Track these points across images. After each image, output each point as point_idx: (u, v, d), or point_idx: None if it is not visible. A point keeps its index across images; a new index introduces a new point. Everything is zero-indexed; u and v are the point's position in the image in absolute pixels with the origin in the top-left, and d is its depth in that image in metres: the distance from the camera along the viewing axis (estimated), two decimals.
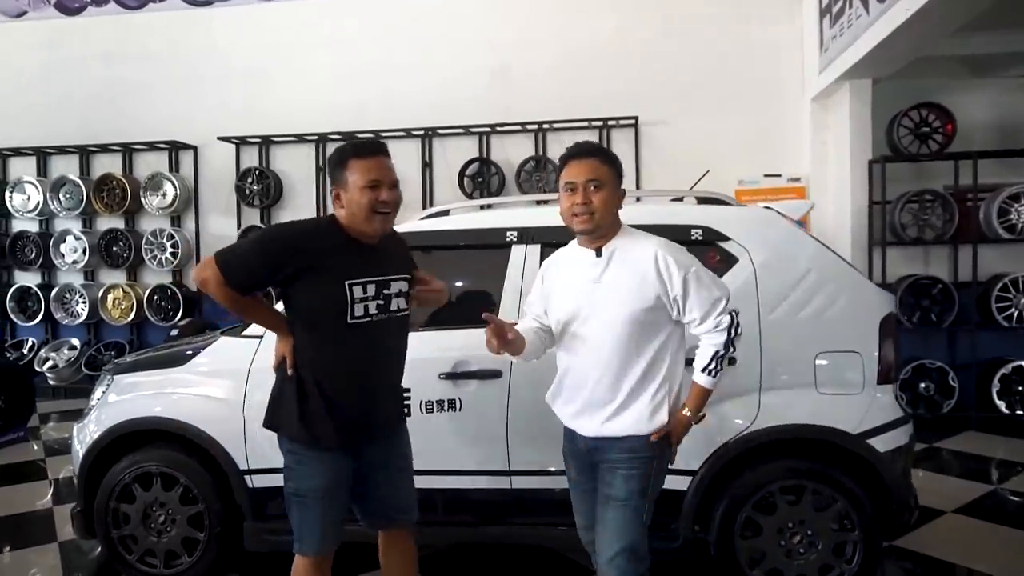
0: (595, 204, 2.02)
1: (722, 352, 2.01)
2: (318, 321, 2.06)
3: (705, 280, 2.00)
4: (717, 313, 2.00)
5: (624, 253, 2.05)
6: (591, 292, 2.07)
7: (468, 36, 6.87)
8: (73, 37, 7.61)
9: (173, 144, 7.27)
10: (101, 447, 2.97)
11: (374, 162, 2.06)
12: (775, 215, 2.87)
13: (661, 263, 1.98)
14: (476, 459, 2.77)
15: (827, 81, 5.83)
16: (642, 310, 1.99)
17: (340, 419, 2.08)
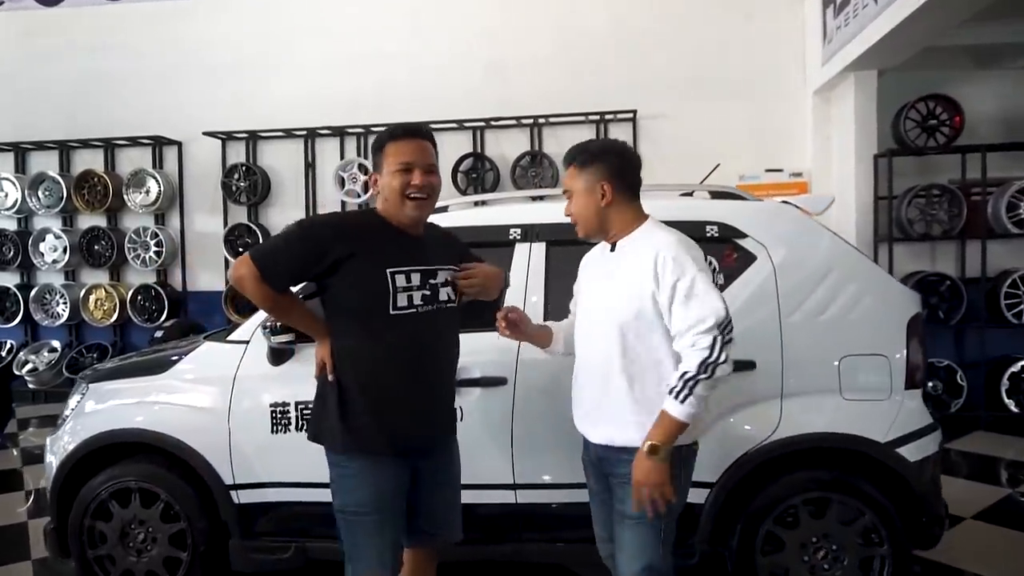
0: (572, 212, 2.00)
1: (692, 374, 1.76)
2: (358, 315, 1.92)
3: (696, 292, 1.80)
4: (698, 331, 1.78)
5: (635, 248, 1.94)
6: (602, 289, 1.99)
7: (462, 27, 6.69)
8: (52, 28, 7.36)
9: (157, 139, 7.04)
10: (76, 460, 2.78)
11: (409, 145, 1.96)
12: (794, 210, 2.71)
13: (659, 262, 1.84)
14: (479, 472, 2.59)
15: (831, 73, 5.69)
16: (636, 309, 1.87)
17: (389, 423, 1.93)
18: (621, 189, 1.95)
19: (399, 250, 1.96)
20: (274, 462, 2.64)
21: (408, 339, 1.94)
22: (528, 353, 2.54)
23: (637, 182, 2.00)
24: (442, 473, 2.12)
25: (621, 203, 1.96)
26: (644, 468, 1.80)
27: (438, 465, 2.10)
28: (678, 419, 1.77)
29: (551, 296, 2.62)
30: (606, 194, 1.94)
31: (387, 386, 1.93)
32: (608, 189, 1.94)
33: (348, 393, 1.94)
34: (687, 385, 1.77)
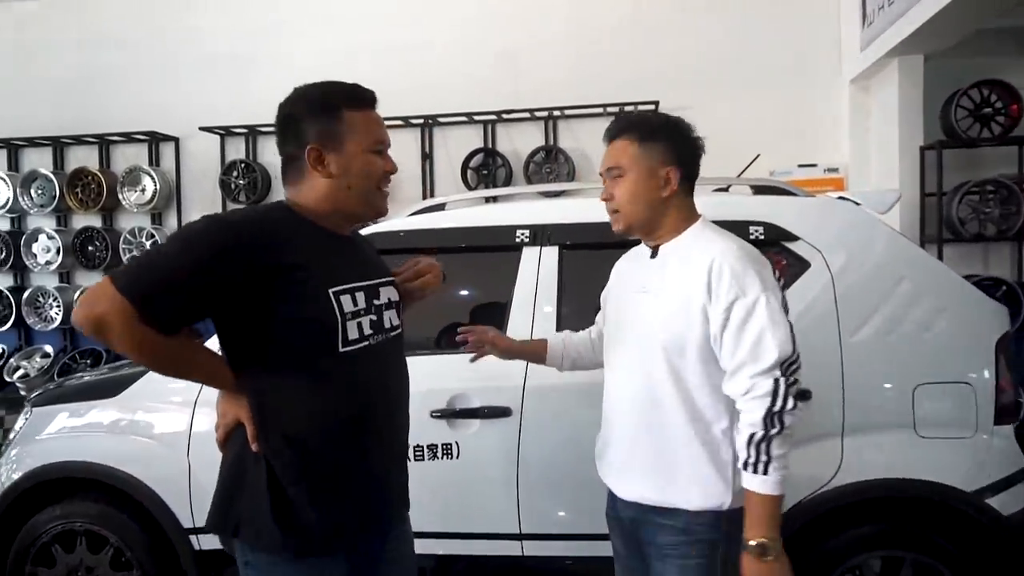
0: (616, 198, 1.60)
1: (761, 434, 1.39)
2: (291, 358, 1.38)
3: (757, 320, 1.42)
4: (754, 372, 1.41)
5: (684, 255, 1.55)
6: (637, 303, 1.61)
7: (470, 15, 6.30)
8: (44, 20, 7.06)
9: (152, 135, 6.71)
10: (14, 497, 2.42)
11: (377, 117, 1.52)
12: (855, 208, 2.29)
13: (714, 274, 1.46)
14: (478, 519, 2.20)
15: (871, 59, 5.23)
16: (684, 328, 1.49)
17: (337, 508, 1.41)
18: (684, 179, 1.58)
19: (340, 261, 1.45)
20: None
21: (362, 385, 1.44)
22: (537, 379, 2.14)
23: (698, 172, 1.64)
24: (399, 556, 1.63)
25: (680, 198, 1.59)
26: (754, 571, 1.41)
27: (391, 547, 1.59)
28: (771, 495, 1.39)
29: (564, 308, 2.22)
30: (670, 182, 1.55)
31: (338, 458, 1.42)
32: (674, 177, 1.55)
33: (283, 473, 1.38)
34: (759, 450, 1.39)
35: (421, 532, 2.17)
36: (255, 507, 1.38)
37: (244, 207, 1.49)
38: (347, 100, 1.47)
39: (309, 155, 1.43)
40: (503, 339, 1.90)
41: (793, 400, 1.40)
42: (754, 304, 1.42)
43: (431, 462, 2.17)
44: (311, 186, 1.45)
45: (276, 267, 1.34)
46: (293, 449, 1.39)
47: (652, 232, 1.60)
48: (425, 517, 2.17)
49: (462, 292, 2.40)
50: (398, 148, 6.72)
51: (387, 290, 1.56)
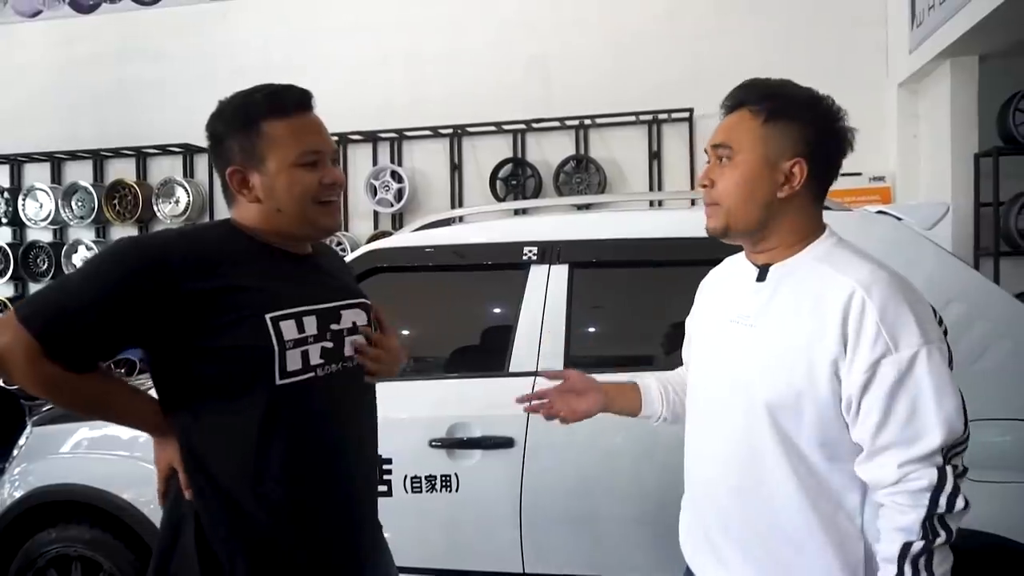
0: (718, 187, 1.22)
1: (919, 546, 1.04)
2: (219, 392, 1.23)
3: (916, 384, 1.06)
4: (907, 459, 1.06)
5: (804, 281, 1.18)
6: (738, 337, 1.23)
7: (501, 22, 6.22)
8: (86, 36, 7.25)
9: (187, 147, 6.80)
10: (13, 517, 2.37)
11: (308, 122, 1.32)
12: (896, 223, 2.08)
13: (853, 316, 1.09)
14: (478, 556, 2.06)
15: (921, 61, 4.96)
16: (800, 390, 1.13)
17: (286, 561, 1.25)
18: (816, 177, 1.21)
19: (283, 283, 1.28)
20: None
21: (309, 426, 1.27)
22: None
23: (837, 172, 1.27)
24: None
25: (806, 200, 1.22)
26: None
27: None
28: None
29: (573, 333, 2.07)
30: (795, 177, 1.19)
31: (274, 514, 1.24)
32: (801, 171, 1.19)
33: (211, 530, 1.23)
34: (918, 568, 1.04)
35: (417, 568, 2.06)
36: (186, 569, 1.23)
37: (181, 226, 1.34)
38: (267, 109, 1.30)
39: (231, 178, 1.29)
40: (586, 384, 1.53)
41: (964, 498, 1.06)
42: (911, 363, 1.06)
43: (429, 495, 2.04)
44: (242, 209, 1.32)
45: (200, 292, 1.19)
46: (220, 500, 1.23)
47: (759, 241, 1.23)
48: (422, 553, 2.06)
49: (464, 314, 2.27)
50: (427, 158, 6.68)
51: (352, 313, 1.37)
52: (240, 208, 1.34)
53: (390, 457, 2.04)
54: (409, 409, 2.07)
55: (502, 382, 2.07)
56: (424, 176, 6.37)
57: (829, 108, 1.26)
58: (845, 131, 1.27)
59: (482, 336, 2.26)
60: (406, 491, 2.03)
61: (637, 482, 1.54)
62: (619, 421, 1.82)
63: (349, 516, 1.33)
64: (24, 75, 7.39)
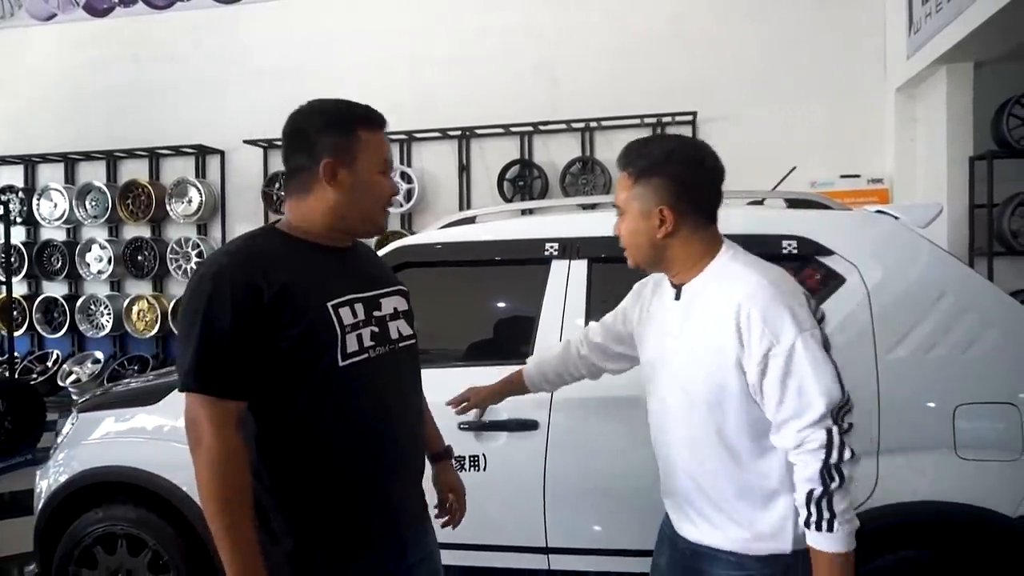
0: (623, 236, 1.51)
1: (820, 491, 1.30)
2: (292, 375, 1.34)
3: (798, 366, 1.32)
4: (804, 425, 1.32)
5: (707, 298, 1.43)
6: (670, 352, 1.50)
7: (508, 26, 6.34)
8: (100, 39, 7.36)
9: (199, 148, 6.93)
10: (61, 499, 2.50)
11: (386, 140, 1.51)
12: (893, 222, 2.22)
13: (743, 320, 1.35)
14: (504, 532, 2.19)
15: (918, 67, 5.10)
16: (721, 385, 1.39)
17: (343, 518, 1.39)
18: (688, 213, 1.43)
19: (334, 276, 1.43)
20: None
21: (364, 400, 1.40)
22: (565, 392, 2.12)
23: (712, 201, 1.47)
24: (422, 569, 1.56)
25: (688, 232, 1.44)
26: None
27: (414, 563, 1.52)
28: (835, 552, 1.30)
29: (593, 322, 2.20)
30: (665, 221, 1.43)
31: (347, 477, 1.39)
32: (669, 216, 1.42)
33: (294, 486, 1.36)
34: (821, 508, 1.30)
35: (448, 543, 2.20)
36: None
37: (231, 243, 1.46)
38: (362, 120, 1.46)
39: (325, 169, 1.41)
40: (482, 393, 1.95)
41: (850, 449, 1.31)
42: (791, 351, 1.31)
43: (459, 473, 2.17)
44: (319, 198, 1.42)
45: (277, 294, 1.32)
46: (302, 479, 1.37)
47: (667, 269, 1.50)
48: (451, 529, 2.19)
49: (490, 305, 2.41)
50: (436, 160, 6.81)
51: (391, 300, 1.52)
52: (311, 198, 1.43)
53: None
54: (440, 394, 2.19)
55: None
56: (433, 177, 6.51)
57: (691, 155, 1.46)
58: (707, 170, 1.46)
59: (507, 326, 2.40)
60: None
61: (652, 462, 1.68)
62: (636, 407, 1.98)
63: (401, 474, 1.48)
64: (38, 77, 7.51)
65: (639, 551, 2.03)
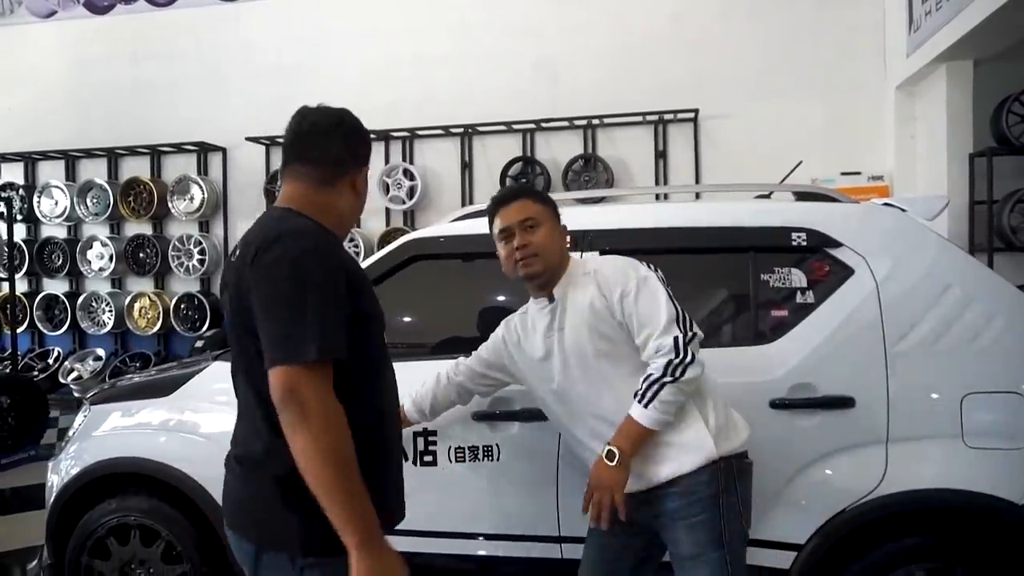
0: (535, 243, 1.86)
1: (656, 376, 1.69)
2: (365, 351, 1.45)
3: (642, 296, 1.76)
4: (656, 335, 1.72)
5: (575, 289, 1.87)
6: (555, 342, 1.87)
7: (509, 24, 6.37)
8: (100, 36, 7.36)
9: (201, 145, 6.93)
10: (73, 491, 2.51)
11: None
12: (901, 214, 2.26)
13: (600, 280, 1.82)
14: (518, 521, 2.22)
15: (917, 65, 5.13)
16: (606, 334, 1.80)
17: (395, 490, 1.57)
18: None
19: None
20: None
21: (393, 376, 1.59)
22: None
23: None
24: None
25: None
26: (598, 470, 1.73)
27: None
28: (644, 425, 1.70)
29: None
30: (565, 236, 1.96)
31: (393, 439, 1.59)
32: (564, 228, 1.96)
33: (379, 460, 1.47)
34: (651, 389, 1.69)
35: (463, 532, 2.23)
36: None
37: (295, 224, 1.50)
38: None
39: (360, 175, 1.54)
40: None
41: (692, 353, 1.68)
42: (637, 286, 1.76)
43: (473, 463, 2.20)
44: (340, 196, 1.52)
45: (351, 273, 1.45)
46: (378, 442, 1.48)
47: (553, 277, 1.88)
48: (467, 518, 2.22)
49: (502, 298, 2.42)
50: (438, 158, 6.79)
51: None
52: (332, 195, 1.52)
53: (435, 429, 2.20)
54: None
55: None
56: (435, 174, 6.52)
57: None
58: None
59: None
60: (450, 461, 2.19)
61: None
62: None
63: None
64: (39, 75, 7.48)
65: None
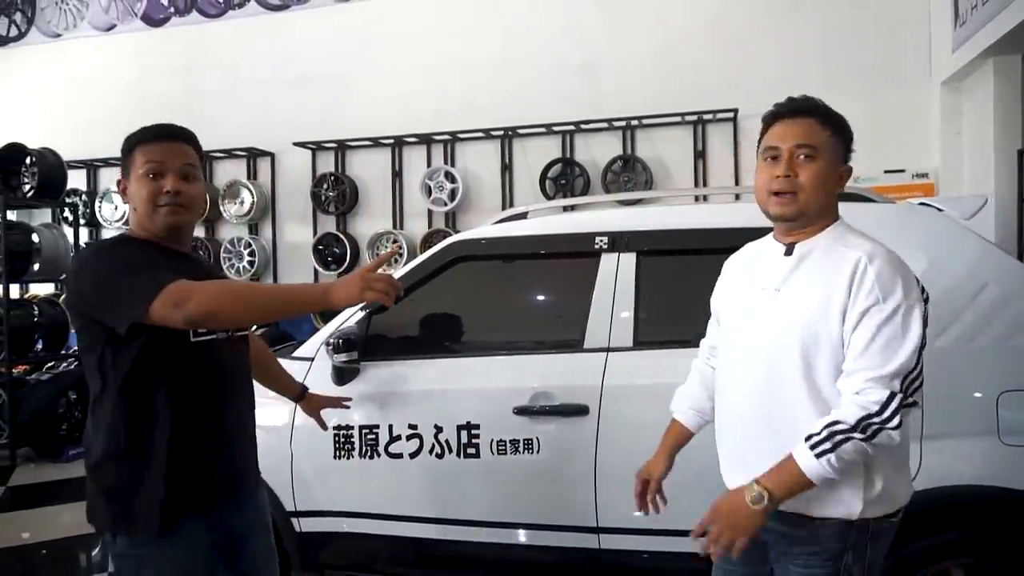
0: (802, 180, 1.49)
1: (846, 427, 1.35)
2: (151, 348, 1.56)
3: (892, 328, 1.38)
4: (872, 376, 1.37)
5: (823, 256, 1.49)
6: (765, 302, 1.54)
7: (550, 28, 6.45)
8: (157, 48, 7.68)
9: (250, 151, 7.19)
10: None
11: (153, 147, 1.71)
12: (936, 213, 2.28)
13: (859, 272, 1.42)
14: (557, 512, 2.31)
15: (963, 60, 5.05)
16: (820, 333, 1.44)
17: (197, 476, 1.63)
18: (843, 179, 1.56)
19: (181, 269, 1.61)
20: (336, 489, 2.46)
21: (210, 372, 1.66)
22: (615, 379, 2.24)
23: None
24: (257, 524, 1.83)
25: (837, 196, 1.56)
26: (735, 507, 1.41)
27: (251, 518, 1.80)
28: (805, 475, 1.36)
29: (641, 314, 2.31)
30: (843, 179, 1.54)
31: (201, 434, 1.64)
32: (845, 176, 1.55)
33: (156, 447, 1.58)
34: (833, 439, 1.35)
35: (504, 522, 2.33)
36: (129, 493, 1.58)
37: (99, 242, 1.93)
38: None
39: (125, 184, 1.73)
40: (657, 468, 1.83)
41: (899, 420, 1.35)
42: (893, 312, 1.39)
43: (514, 456, 2.29)
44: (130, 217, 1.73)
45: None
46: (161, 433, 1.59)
47: (807, 223, 1.52)
48: (508, 508, 2.32)
49: (542, 297, 2.52)
50: (479, 160, 6.92)
51: None
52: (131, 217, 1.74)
53: (478, 423, 2.31)
54: (495, 381, 2.33)
55: (578, 357, 2.31)
56: (476, 176, 6.65)
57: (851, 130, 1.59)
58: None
59: (559, 317, 2.51)
60: (492, 453, 2.29)
61: (699, 446, 1.78)
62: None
63: (235, 433, 1.76)
64: (100, 85, 7.85)
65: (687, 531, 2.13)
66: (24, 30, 8.23)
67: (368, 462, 2.41)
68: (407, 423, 2.37)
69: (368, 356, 2.43)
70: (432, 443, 2.35)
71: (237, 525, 1.75)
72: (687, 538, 2.13)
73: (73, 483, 4.88)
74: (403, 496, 2.41)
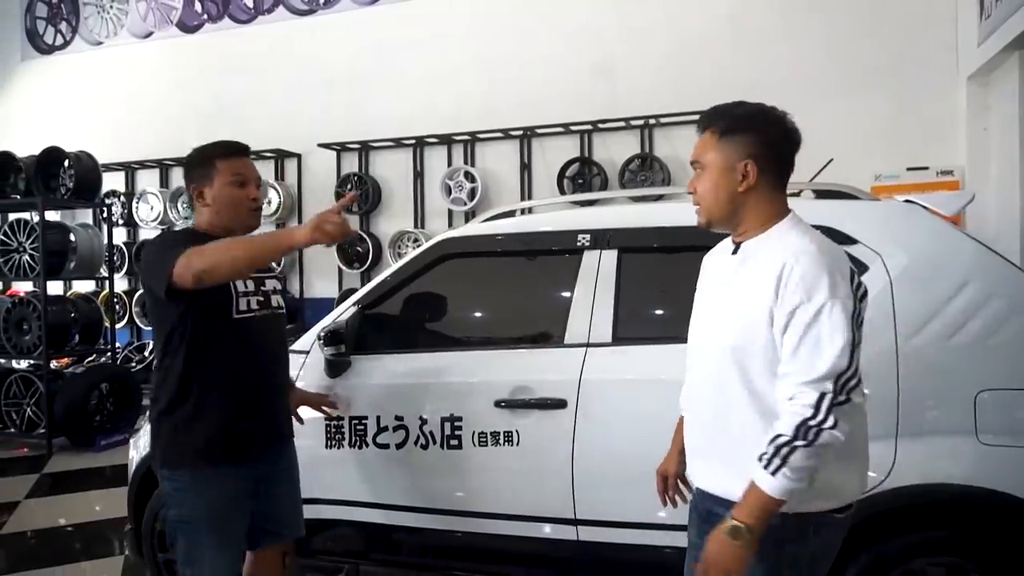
0: (700, 192, 1.57)
1: (787, 439, 1.36)
2: (202, 321, 1.94)
3: (818, 329, 1.39)
4: (802, 380, 1.38)
5: (763, 253, 1.51)
6: (718, 298, 1.60)
7: (568, 28, 6.48)
8: (192, 54, 7.95)
9: (278, 152, 7.38)
10: (149, 465, 2.81)
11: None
12: (919, 210, 2.26)
13: (785, 275, 1.43)
14: (536, 503, 2.35)
15: (989, 54, 4.91)
16: (752, 328, 1.47)
17: (242, 431, 2.00)
18: (768, 173, 1.52)
19: None
20: (328, 478, 2.55)
21: (249, 344, 2.01)
22: (592, 373, 2.28)
23: (788, 167, 1.57)
24: (284, 474, 2.17)
25: (763, 192, 1.53)
26: (719, 548, 1.42)
27: (280, 468, 2.15)
28: (770, 495, 1.38)
29: (621, 312, 2.34)
30: (748, 176, 1.50)
31: (232, 392, 1.97)
32: (752, 171, 1.50)
33: (205, 401, 1.95)
34: (780, 453, 1.37)
35: (485, 512, 2.38)
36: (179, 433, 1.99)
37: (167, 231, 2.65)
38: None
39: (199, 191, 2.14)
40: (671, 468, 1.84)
41: (835, 419, 1.36)
42: (818, 311, 1.39)
43: (495, 448, 2.35)
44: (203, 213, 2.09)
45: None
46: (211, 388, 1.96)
47: (735, 226, 1.56)
48: (489, 498, 2.38)
49: (526, 294, 2.57)
50: (498, 159, 7.01)
51: (271, 281, 2.17)
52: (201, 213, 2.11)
53: (461, 415, 2.37)
54: (478, 375, 2.39)
55: (558, 352, 2.36)
56: (495, 176, 6.72)
57: (775, 117, 1.55)
58: (789, 132, 1.54)
59: (541, 313, 2.55)
60: (474, 445, 2.35)
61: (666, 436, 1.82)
62: (657, 386, 2.11)
63: (276, 398, 2.14)
64: (137, 89, 8.16)
65: (663, 525, 2.16)
66: (69, 39, 8.60)
67: (357, 452, 2.49)
68: (394, 415, 2.45)
69: (359, 350, 2.51)
70: (417, 434, 2.42)
71: (271, 472, 2.10)
72: (662, 531, 2.18)
73: (106, 471, 5.11)
74: (390, 485, 2.48)
